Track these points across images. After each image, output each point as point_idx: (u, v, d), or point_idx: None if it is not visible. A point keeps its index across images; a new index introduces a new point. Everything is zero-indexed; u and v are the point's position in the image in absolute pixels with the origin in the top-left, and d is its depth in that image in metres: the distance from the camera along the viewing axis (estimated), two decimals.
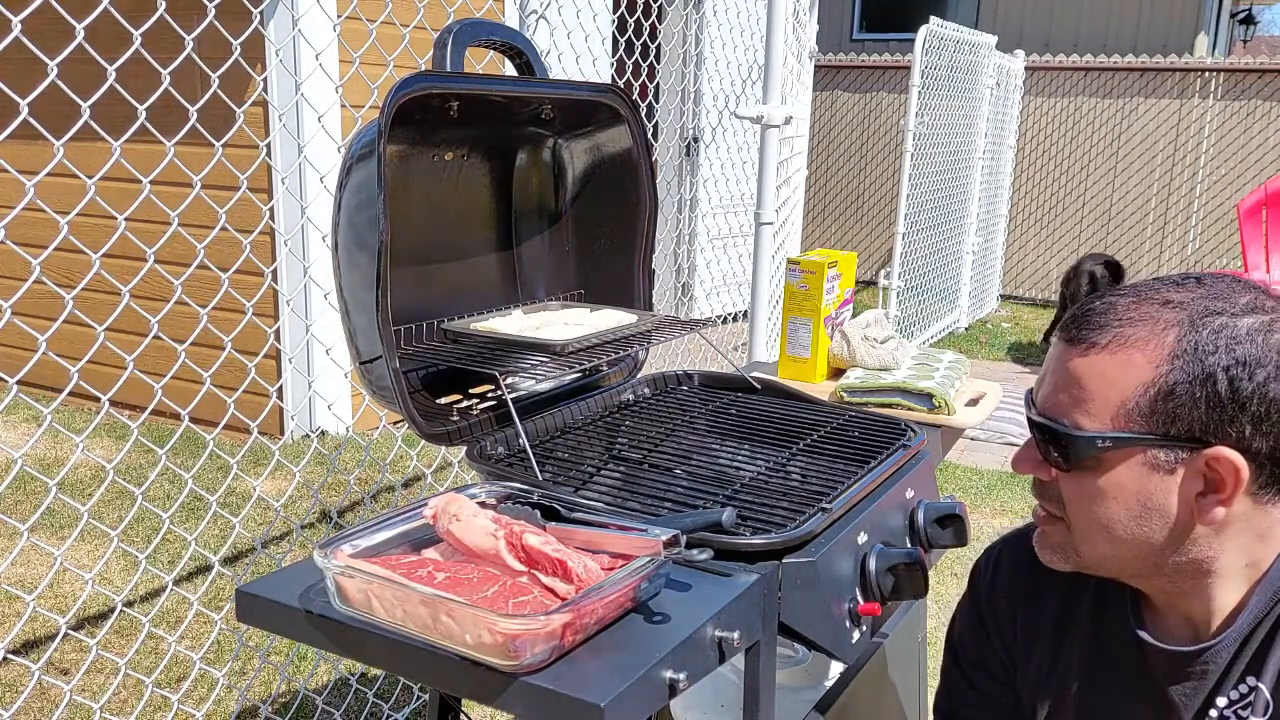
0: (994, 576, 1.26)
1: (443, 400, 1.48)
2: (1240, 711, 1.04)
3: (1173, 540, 1.00)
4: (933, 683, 2.92)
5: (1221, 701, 1.05)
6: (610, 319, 1.57)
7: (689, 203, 6.43)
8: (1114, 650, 1.13)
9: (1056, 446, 1.02)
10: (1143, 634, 1.09)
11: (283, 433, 4.31)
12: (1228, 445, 0.95)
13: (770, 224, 3.21)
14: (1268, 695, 1.02)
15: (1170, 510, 0.99)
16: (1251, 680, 1.03)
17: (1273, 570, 1.02)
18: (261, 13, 2.47)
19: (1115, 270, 6.29)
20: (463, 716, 1.46)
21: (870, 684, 1.44)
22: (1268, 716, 1.02)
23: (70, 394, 2.17)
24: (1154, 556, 1.02)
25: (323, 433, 4.41)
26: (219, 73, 2.21)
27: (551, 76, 1.59)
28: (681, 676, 0.93)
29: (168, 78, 2.05)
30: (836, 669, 1.59)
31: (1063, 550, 1.07)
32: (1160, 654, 1.08)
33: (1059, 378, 1.03)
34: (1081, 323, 1.02)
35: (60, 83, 1.85)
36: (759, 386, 1.69)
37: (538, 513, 1.11)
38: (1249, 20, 12.56)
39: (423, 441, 2.16)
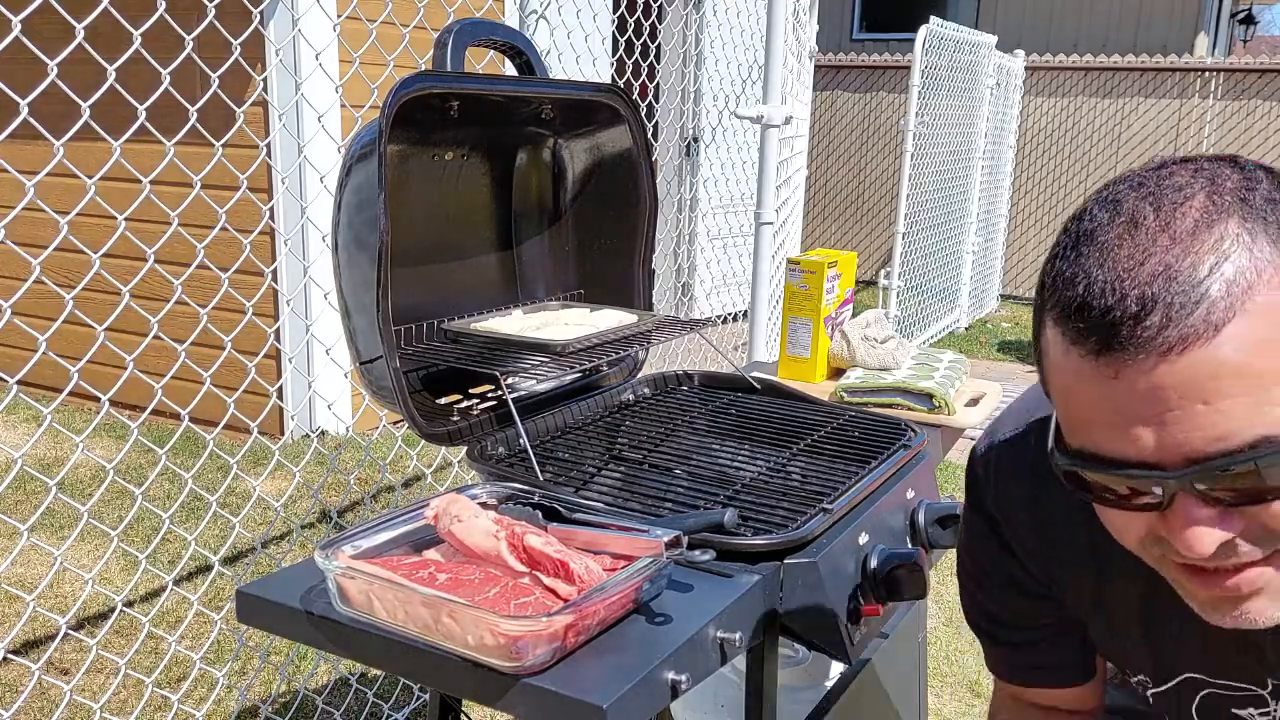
0: (999, 485, 1.04)
1: (443, 400, 1.48)
2: None
3: None
4: (933, 683, 2.91)
5: None
6: (610, 319, 1.57)
7: (689, 203, 6.43)
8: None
9: None
10: None
11: (283, 433, 4.30)
12: None
13: (770, 224, 3.21)
14: None
15: None
16: None
17: None
18: (261, 13, 2.47)
19: None
20: (463, 717, 1.46)
21: (871, 684, 1.44)
22: None
23: (70, 394, 2.18)
24: None
25: (323, 433, 4.41)
26: (219, 73, 2.20)
27: (551, 76, 1.59)
28: (683, 678, 0.93)
29: (168, 78, 2.05)
30: (837, 669, 1.59)
31: None
32: None
33: (1197, 394, 0.69)
34: (1151, 316, 0.68)
35: (60, 83, 1.85)
36: (759, 386, 1.69)
37: (539, 513, 1.11)
38: (1249, 20, 12.56)
39: (423, 441, 2.16)
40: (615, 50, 3.37)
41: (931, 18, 5.77)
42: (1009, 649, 1.12)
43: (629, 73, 3.24)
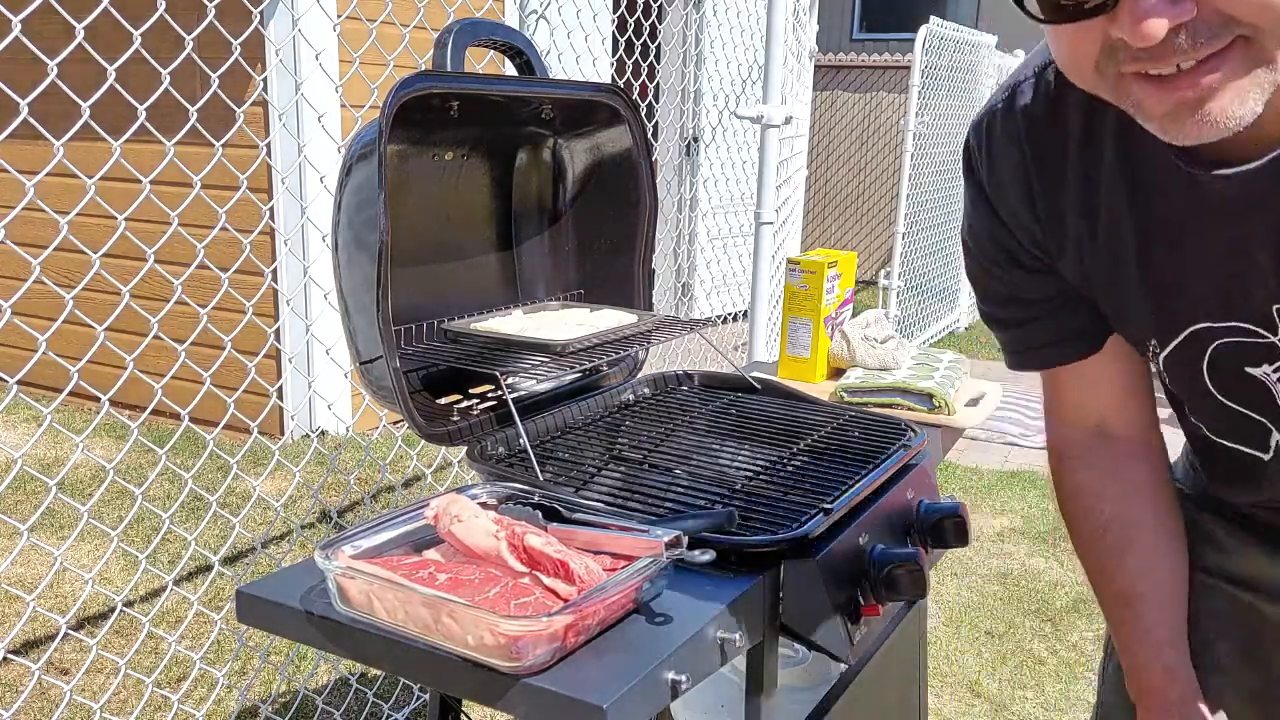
0: (990, 152, 1.04)
1: (443, 400, 1.48)
2: None
3: None
4: (933, 683, 2.91)
5: None
6: (610, 319, 1.57)
7: (689, 203, 6.43)
8: (1168, 200, 0.92)
9: None
10: (1200, 171, 0.89)
11: (283, 433, 4.30)
12: None
13: (770, 224, 3.21)
14: None
15: None
16: None
17: None
18: (261, 13, 2.47)
19: None
20: (463, 717, 1.46)
21: (870, 684, 1.44)
22: None
23: (70, 394, 2.18)
24: None
25: (323, 433, 4.41)
26: (219, 73, 2.20)
27: (551, 76, 1.59)
28: (683, 678, 0.93)
29: (168, 78, 2.05)
30: (837, 669, 1.59)
31: (1249, 86, 0.76)
32: (1223, 180, 0.88)
33: None
34: None
35: (60, 83, 1.85)
36: (759, 386, 1.69)
37: (539, 513, 1.11)
38: None
39: (423, 441, 2.16)
40: (615, 50, 3.37)
41: (931, 18, 5.77)
42: (1018, 331, 1.14)
43: (629, 73, 3.24)
